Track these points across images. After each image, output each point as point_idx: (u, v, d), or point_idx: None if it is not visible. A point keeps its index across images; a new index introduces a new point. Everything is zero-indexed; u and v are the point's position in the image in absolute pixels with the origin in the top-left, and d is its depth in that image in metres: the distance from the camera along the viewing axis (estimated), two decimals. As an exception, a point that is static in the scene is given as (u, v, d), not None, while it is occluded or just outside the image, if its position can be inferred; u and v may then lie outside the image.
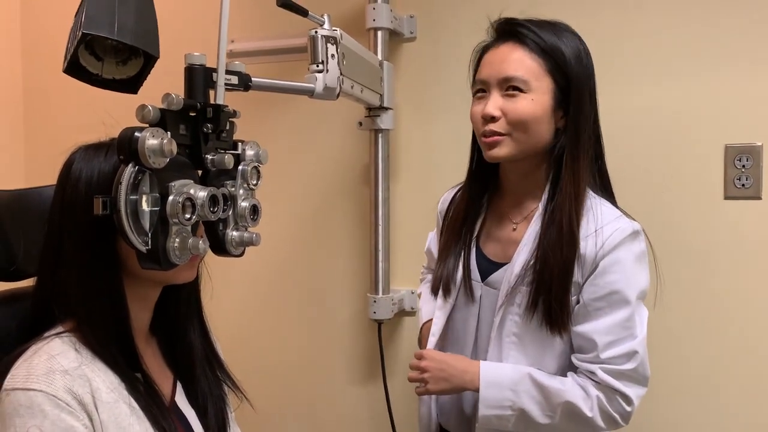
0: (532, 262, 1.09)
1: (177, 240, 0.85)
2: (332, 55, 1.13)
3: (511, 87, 1.08)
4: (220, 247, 0.99)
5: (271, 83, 1.04)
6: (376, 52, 1.59)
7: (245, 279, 1.90)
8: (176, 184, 0.85)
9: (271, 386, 1.89)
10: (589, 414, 1.05)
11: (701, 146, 1.52)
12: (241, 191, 0.99)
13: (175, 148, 0.82)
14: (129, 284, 0.90)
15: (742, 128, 1.49)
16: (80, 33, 0.91)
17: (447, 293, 1.19)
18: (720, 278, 1.52)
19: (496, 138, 1.10)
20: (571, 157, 1.09)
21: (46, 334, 0.87)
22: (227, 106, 0.92)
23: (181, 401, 0.98)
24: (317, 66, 1.12)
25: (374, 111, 1.61)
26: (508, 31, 1.12)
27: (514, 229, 1.16)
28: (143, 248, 0.82)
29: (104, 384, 0.84)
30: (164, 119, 0.85)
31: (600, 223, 1.07)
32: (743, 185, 1.49)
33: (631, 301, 1.06)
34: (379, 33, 1.63)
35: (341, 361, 1.84)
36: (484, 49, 1.16)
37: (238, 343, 1.85)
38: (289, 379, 1.90)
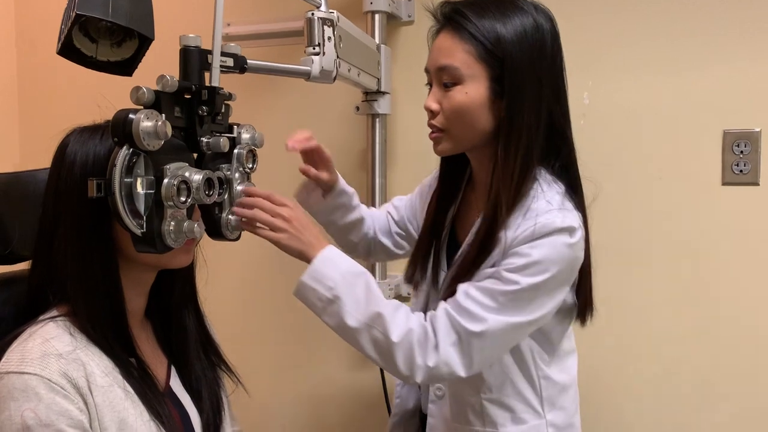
0: (460, 258, 1.05)
1: (172, 223, 0.85)
2: (329, 38, 1.12)
3: (446, 78, 1.01)
4: (216, 231, 0.99)
5: (268, 65, 1.03)
6: (373, 36, 1.58)
7: (241, 264, 1.89)
8: (171, 167, 0.85)
9: (267, 371, 1.89)
10: (394, 338, 0.95)
11: (699, 132, 1.52)
12: (236, 175, 0.98)
13: (169, 131, 0.81)
14: (124, 269, 0.89)
15: (741, 114, 1.49)
16: (74, 14, 0.90)
17: (417, 286, 1.16)
18: (717, 265, 1.52)
19: (436, 134, 1.05)
20: (504, 151, 0.99)
21: (41, 318, 0.87)
22: (222, 89, 0.92)
23: (176, 385, 0.98)
24: (314, 49, 1.11)
25: (371, 95, 1.60)
26: (445, 16, 1.03)
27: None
28: (138, 231, 0.82)
29: (99, 368, 0.84)
30: (159, 101, 0.84)
31: (530, 214, 0.98)
32: (741, 171, 1.49)
33: (521, 284, 0.95)
34: (377, 16, 1.61)
35: (337, 346, 1.84)
36: (432, 38, 1.07)
37: (234, 329, 1.84)
38: (286, 365, 1.90)
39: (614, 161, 1.57)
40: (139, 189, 0.81)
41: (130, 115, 0.79)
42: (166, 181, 0.82)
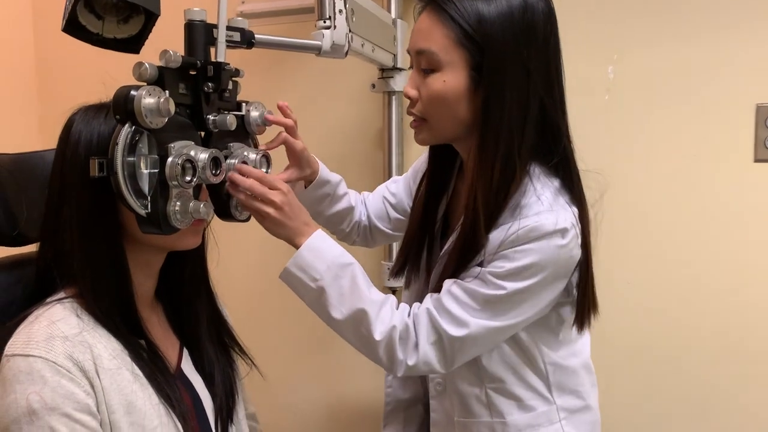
0: (448, 249, 0.99)
1: (178, 203, 0.83)
2: (340, 11, 1.09)
3: (424, 63, 0.93)
4: (224, 211, 0.96)
5: (276, 40, 0.99)
6: (389, 10, 1.53)
7: (253, 246, 1.86)
8: (176, 146, 0.82)
9: (281, 353, 1.88)
10: (376, 337, 0.92)
11: (732, 106, 1.45)
12: (250, 155, 0.95)
13: (172, 107, 0.79)
14: (131, 250, 0.88)
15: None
16: (77, -11, 0.88)
17: (408, 283, 1.11)
18: (749, 242, 1.46)
19: (416, 123, 0.98)
20: (480, 149, 0.91)
21: (48, 300, 0.86)
22: (228, 64, 0.89)
23: (188, 368, 0.96)
24: (324, 22, 1.07)
25: (387, 72, 1.56)
26: None
27: None
28: (142, 212, 0.80)
29: (106, 350, 0.82)
30: (162, 77, 0.82)
31: (519, 213, 0.92)
32: (775, 147, 1.42)
33: (507, 289, 0.90)
34: (393, -10, 1.56)
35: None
36: (415, 18, 0.99)
37: (248, 310, 1.84)
38: (300, 347, 1.89)
39: (640, 138, 1.51)
40: (143, 168, 0.79)
41: (132, 92, 0.76)
42: (170, 159, 0.80)
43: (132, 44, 0.99)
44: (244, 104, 0.97)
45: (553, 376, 1.01)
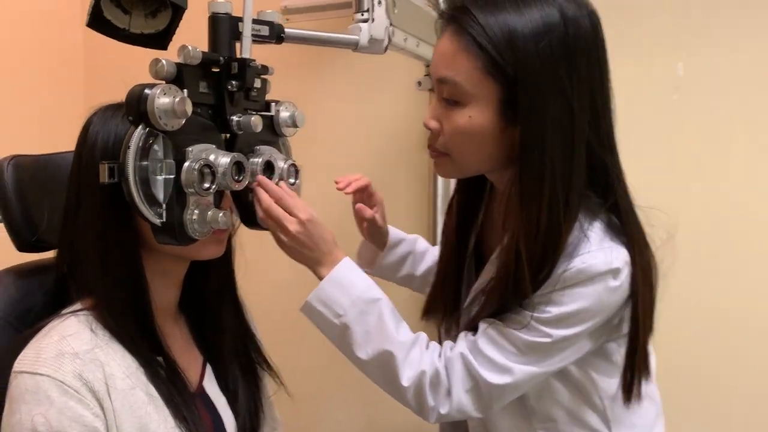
0: (482, 287, 0.87)
1: (196, 212, 0.76)
2: (379, 2, 1.01)
3: (446, 93, 0.82)
4: (250, 219, 0.90)
5: (309, 35, 0.92)
6: (437, 4, 1.44)
7: (284, 254, 1.80)
8: (194, 149, 0.76)
9: (312, 371, 1.80)
10: (404, 383, 0.83)
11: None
12: (281, 164, 0.88)
13: (189, 108, 0.72)
14: (150, 259, 0.82)
15: None
16: (100, -20, 0.83)
17: (443, 319, 1.00)
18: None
19: (437, 156, 0.87)
20: (522, 198, 0.79)
21: (64, 312, 0.81)
22: (254, 61, 0.82)
23: (210, 386, 0.90)
24: (362, 15, 1.00)
25: (434, 69, 1.46)
26: (448, 13, 0.83)
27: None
28: (157, 221, 0.74)
29: (120, 368, 0.77)
30: (181, 75, 0.75)
31: (565, 249, 0.80)
32: None
33: (553, 337, 0.81)
34: (440, -18, 1.47)
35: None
36: (437, 36, 0.87)
37: (278, 324, 1.77)
38: (333, 364, 1.80)
39: (712, 139, 1.37)
40: (157, 174, 0.73)
41: (146, 91, 0.70)
42: (186, 164, 0.74)
43: (159, 40, 0.95)
44: (273, 104, 0.90)
45: (612, 410, 0.89)
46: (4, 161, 0.89)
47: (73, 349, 0.75)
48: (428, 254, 1.13)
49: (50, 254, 0.93)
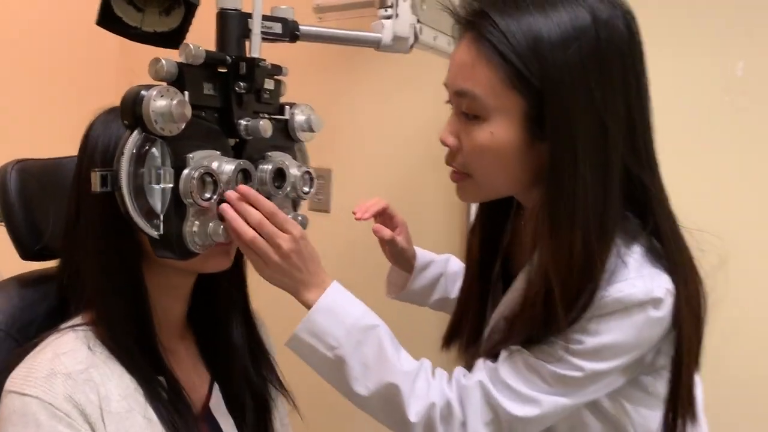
0: (505, 314, 0.79)
1: (196, 224, 0.71)
2: (404, -2, 0.93)
3: (465, 107, 0.74)
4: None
5: (327, 32, 0.86)
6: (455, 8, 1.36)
7: None
8: (195, 156, 0.70)
9: (328, 392, 1.73)
10: (411, 418, 0.75)
11: None
12: (295, 171, 0.82)
13: (188, 112, 0.67)
14: (154, 272, 0.77)
15: None
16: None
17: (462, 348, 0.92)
18: None
19: (456, 176, 0.79)
20: (552, 224, 0.71)
21: (63, 326, 0.77)
22: (264, 60, 0.75)
23: (217, 407, 0.85)
24: (385, 11, 0.92)
25: (470, 70, 1.38)
26: (466, 19, 0.75)
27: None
28: (154, 233, 0.68)
29: (117, 390, 0.72)
30: (182, 76, 0.69)
31: (603, 280, 0.72)
32: None
33: (585, 370, 0.72)
34: (477, -24, 1.39)
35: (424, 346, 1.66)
36: (455, 42, 0.79)
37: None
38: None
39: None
40: (154, 182, 0.67)
41: (142, 92, 0.65)
42: (185, 172, 0.68)
43: (172, 39, 0.90)
44: (287, 107, 0.84)
45: None
46: (8, 165, 0.86)
47: (66, 369, 0.70)
48: (462, 275, 1.05)
49: (57, 263, 0.90)
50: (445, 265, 1.07)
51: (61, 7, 1.81)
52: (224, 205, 0.71)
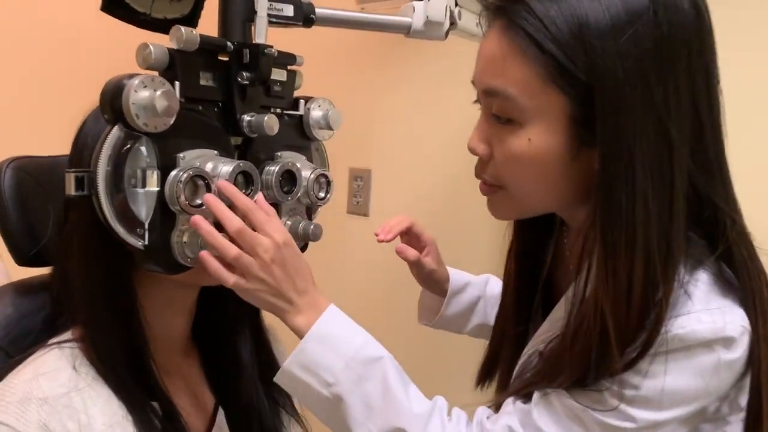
0: (541, 349, 0.68)
1: (186, 234, 0.62)
2: (438, -23, 0.82)
3: (497, 109, 0.63)
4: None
5: (348, 16, 0.76)
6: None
7: (337, 279, 1.61)
8: (187, 156, 0.61)
9: None
10: None
11: None
12: (308, 173, 0.72)
13: (175, 105, 0.58)
14: (150, 284, 0.69)
15: None
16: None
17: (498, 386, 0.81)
18: None
19: (488, 189, 0.68)
20: (606, 251, 0.59)
21: (51, 341, 0.70)
22: (271, 47, 0.66)
23: (220, 434, 0.76)
24: (417, -8, 0.82)
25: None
26: (495, 3, 0.63)
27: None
28: (137, 243, 0.60)
29: (103, 417, 0.64)
30: (174, 64, 0.61)
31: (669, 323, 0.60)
32: None
33: (638, 422, 0.60)
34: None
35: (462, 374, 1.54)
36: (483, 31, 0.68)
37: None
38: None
39: None
40: (137, 186, 0.59)
41: (123, 81, 0.56)
42: (171, 174, 0.59)
43: (184, 26, 0.83)
44: (303, 101, 0.74)
45: None
46: (2, 164, 0.80)
47: (43, 393, 0.63)
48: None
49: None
50: (484, 287, 0.95)
51: (61, 4, 1.77)
52: (196, 217, 0.60)
